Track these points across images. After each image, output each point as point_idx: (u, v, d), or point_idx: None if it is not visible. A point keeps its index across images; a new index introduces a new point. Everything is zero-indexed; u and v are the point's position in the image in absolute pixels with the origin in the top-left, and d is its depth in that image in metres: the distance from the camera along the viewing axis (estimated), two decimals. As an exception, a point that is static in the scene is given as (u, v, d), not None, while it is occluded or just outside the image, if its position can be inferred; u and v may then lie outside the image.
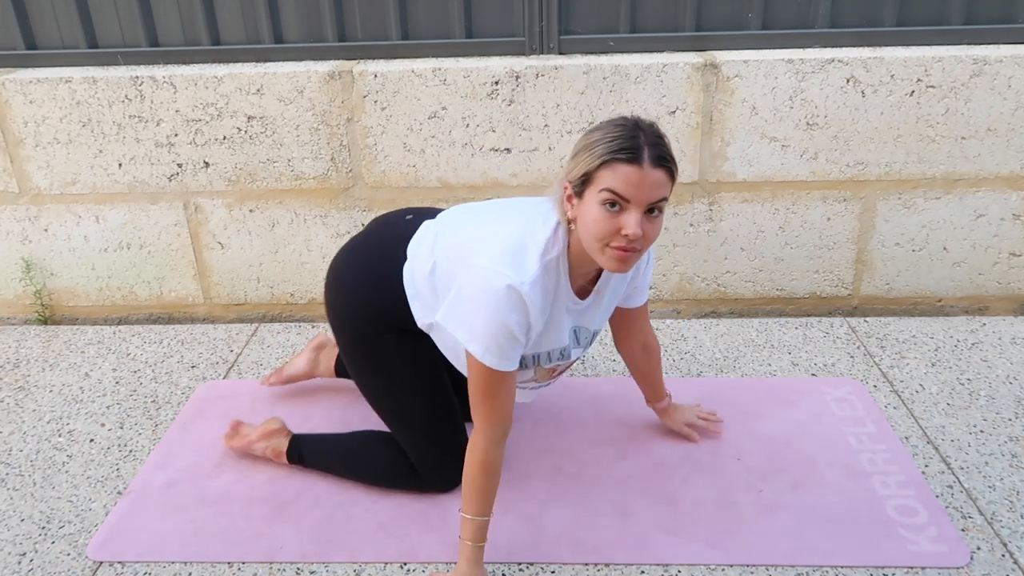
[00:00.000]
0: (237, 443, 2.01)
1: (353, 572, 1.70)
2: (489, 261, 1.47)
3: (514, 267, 1.45)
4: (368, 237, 1.85)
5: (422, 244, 1.69)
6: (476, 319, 1.46)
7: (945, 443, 2.02)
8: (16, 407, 2.31)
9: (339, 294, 1.79)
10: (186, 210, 2.68)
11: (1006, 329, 2.54)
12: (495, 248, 1.49)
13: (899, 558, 1.68)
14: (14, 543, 1.81)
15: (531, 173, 2.56)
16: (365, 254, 1.80)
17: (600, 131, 1.42)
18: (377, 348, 1.76)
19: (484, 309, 1.45)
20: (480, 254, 1.49)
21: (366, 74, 2.47)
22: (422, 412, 1.80)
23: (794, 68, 2.41)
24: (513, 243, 1.49)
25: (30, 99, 2.55)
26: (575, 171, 1.44)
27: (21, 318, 2.88)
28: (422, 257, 1.67)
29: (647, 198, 1.38)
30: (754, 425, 2.10)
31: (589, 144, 1.42)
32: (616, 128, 1.41)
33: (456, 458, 1.69)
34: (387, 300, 1.72)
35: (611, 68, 2.43)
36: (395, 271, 1.71)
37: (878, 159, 2.51)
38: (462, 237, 1.61)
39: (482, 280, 1.46)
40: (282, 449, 1.96)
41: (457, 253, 1.58)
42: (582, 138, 1.46)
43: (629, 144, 1.37)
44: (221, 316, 2.85)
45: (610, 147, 1.38)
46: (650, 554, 1.70)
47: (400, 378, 1.78)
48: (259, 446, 1.98)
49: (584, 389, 2.27)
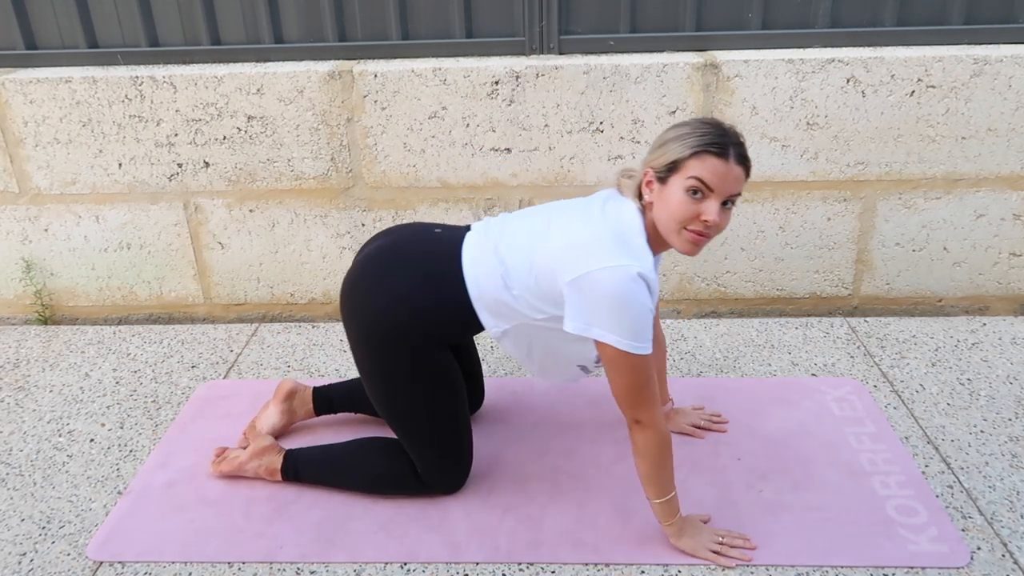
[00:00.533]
0: (227, 467, 1.95)
1: (353, 572, 1.70)
2: (610, 260, 1.51)
3: (633, 256, 1.53)
4: (408, 248, 1.77)
5: (481, 259, 1.68)
6: (621, 317, 1.51)
7: (945, 443, 2.02)
8: (16, 407, 2.31)
9: (389, 302, 1.70)
10: (186, 210, 2.68)
11: (1006, 329, 2.53)
12: (605, 246, 1.54)
13: (899, 558, 1.68)
14: (14, 543, 1.81)
15: (531, 173, 2.56)
16: (417, 267, 1.73)
17: (689, 126, 1.55)
18: (417, 360, 1.71)
19: (625, 304, 1.50)
20: (594, 257, 1.53)
21: (366, 74, 2.47)
22: (446, 424, 1.78)
23: (794, 68, 2.41)
24: (615, 236, 1.56)
25: (30, 99, 2.55)
26: (661, 159, 1.55)
27: (21, 318, 2.88)
28: (487, 271, 1.67)
29: (728, 190, 1.52)
30: (754, 425, 2.10)
31: (680, 136, 1.54)
32: (705, 125, 1.54)
33: (461, 467, 1.81)
34: (444, 313, 1.70)
35: (611, 68, 2.43)
36: (452, 285, 1.69)
37: (878, 159, 2.51)
38: (549, 248, 1.61)
39: (613, 279, 1.50)
40: (276, 466, 1.91)
41: (551, 263, 1.59)
42: (670, 130, 1.57)
43: (719, 140, 1.51)
44: (221, 316, 2.85)
45: (702, 140, 1.51)
46: (650, 554, 1.70)
47: (430, 389, 1.74)
48: (251, 466, 1.93)
49: (584, 389, 2.27)
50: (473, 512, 1.83)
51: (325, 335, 2.65)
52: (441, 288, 1.70)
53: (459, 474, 1.86)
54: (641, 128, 2.49)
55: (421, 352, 1.71)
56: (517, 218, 1.74)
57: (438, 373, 1.74)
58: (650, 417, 1.58)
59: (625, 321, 1.51)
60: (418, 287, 1.70)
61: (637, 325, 1.51)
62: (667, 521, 1.68)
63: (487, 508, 1.84)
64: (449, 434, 1.80)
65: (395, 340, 1.69)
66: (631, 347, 1.52)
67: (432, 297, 1.69)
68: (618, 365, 1.55)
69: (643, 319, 1.51)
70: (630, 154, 2.52)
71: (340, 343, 2.60)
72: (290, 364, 2.49)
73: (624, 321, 1.51)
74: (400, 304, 1.69)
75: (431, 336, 1.71)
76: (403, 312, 1.68)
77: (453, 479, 1.85)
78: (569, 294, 1.56)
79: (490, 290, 1.67)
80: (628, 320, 1.51)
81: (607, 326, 1.52)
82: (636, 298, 1.50)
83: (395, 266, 1.73)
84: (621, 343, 1.51)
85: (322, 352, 2.55)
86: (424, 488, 1.85)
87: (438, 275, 1.71)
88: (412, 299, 1.69)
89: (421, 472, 1.82)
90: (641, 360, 1.54)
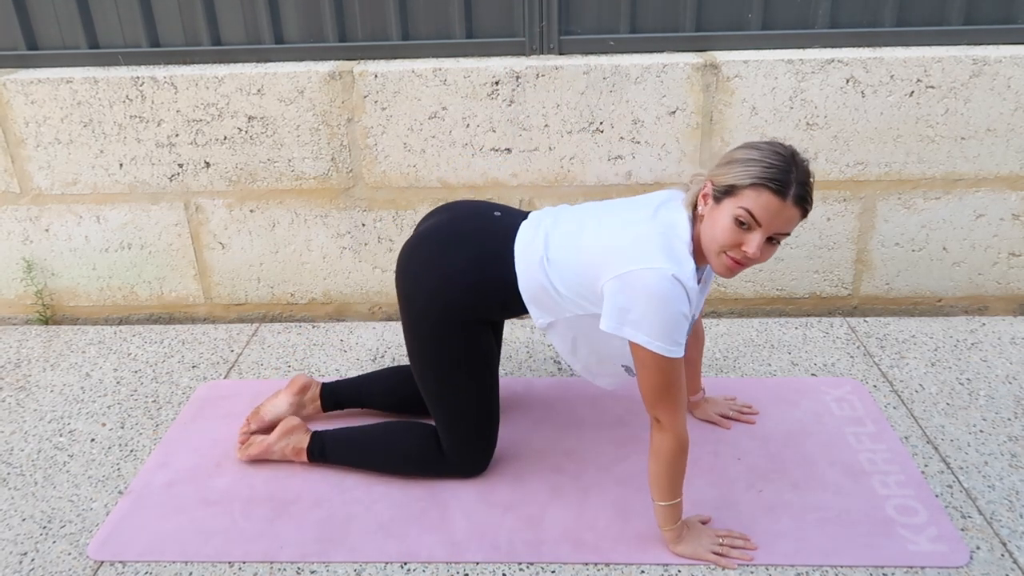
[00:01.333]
0: (255, 451, 1.99)
1: (353, 572, 1.70)
2: (652, 262, 1.51)
3: (675, 261, 1.52)
4: (466, 224, 1.80)
5: (530, 249, 1.70)
6: (654, 317, 1.51)
7: (945, 443, 2.03)
8: (17, 407, 2.32)
9: (442, 279, 1.74)
10: (187, 210, 2.68)
11: (1005, 329, 2.54)
12: (650, 248, 1.54)
13: (899, 558, 1.68)
14: (15, 543, 1.82)
15: (531, 173, 2.57)
16: (473, 246, 1.75)
17: (759, 151, 1.51)
18: (465, 336, 1.76)
19: (660, 305, 1.50)
20: (637, 258, 1.53)
21: (366, 74, 2.47)
22: (483, 403, 1.83)
23: (794, 68, 2.41)
24: (662, 240, 1.55)
25: (31, 99, 2.55)
26: (723, 178, 1.52)
27: (22, 318, 2.88)
28: (534, 262, 1.69)
29: (776, 228, 1.50)
30: (754, 425, 2.10)
31: (746, 160, 1.50)
32: (775, 156, 1.49)
33: (490, 449, 1.88)
34: (496, 296, 1.73)
35: (611, 68, 2.43)
36: (504, 267, 1.72)
37: (878, 159, 2.52)
38: (595, 245, 1.63)
39: (652, 280, 1.50)
40: (303, 446, 1.96)
41: (595, 260, 1.60)
42: (740, 150, 1.54)
43: (782, 177, 1.47)
44: (222, 316, 2.85)
45: (765, 172, 1.47)
46: (650, 554, 1.71)
47: (475, 368, 1.79)
48: (279, 446, 1.97)
49: (584, 389, 2.27)
50: (473, 512, 1.83)
51: (325, 335, 2.66)
52: (489, 268, 1.72)
53: (486, 454, 1.90)
54: (641, 128, 2.49)
55: (470, 329, 1.75)
56: (571, 212, 1.76)
57: (482, 353, 1.78)
58: (671, 420, 1.58)
59: (657, 322, 1.51)
60: (469, 268, 1.72)
61: (669, 327, 1.51)
62: (667, 526, 1.68)
63: (487, 508, 1.84)
64: (485, 414, 1.85)
65: (447, 317, 1.74)
66: (661, 348, 1.52)
67: (480, 276, 1.72)
68: (647, 365, 1.56)
69: (677, 322, 1.51)
70: (630, 154, 2.52)
71: (340, 343, 2.60)
72: (291, 364, 2.49)
73: (656, 322, 1.51)
74: (450, 283, 1.72)
75: (478, 311, 1.75)
76: (453, 290, 1.72)
77: (480, 459, 1.90)
78: (608, 292, 1.56)
79: (536, 280, 1.69)
80: (660, 321, 1.51)
81: (639, 325, 1.52)
82: (672, 301, 1.50)
83: (449, 245, 1.76)
84: (651, 344, 1.52)
85: (322, 352, 2.55)
86: (449, 469, 1.89)
87: (490, 255, 1.73)
88: (463, 278, 1.72)
89: (448, 450, 1.86)
90: (670, 363, 1.54)
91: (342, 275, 2.76)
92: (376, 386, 2.13)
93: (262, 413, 2.08)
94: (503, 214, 1.82)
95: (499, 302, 1.75)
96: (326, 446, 1.95)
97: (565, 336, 1.76)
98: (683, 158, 2.52)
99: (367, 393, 2.12)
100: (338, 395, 2.13)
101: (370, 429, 1.97)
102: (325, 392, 2.12)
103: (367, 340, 2.62)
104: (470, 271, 1.72)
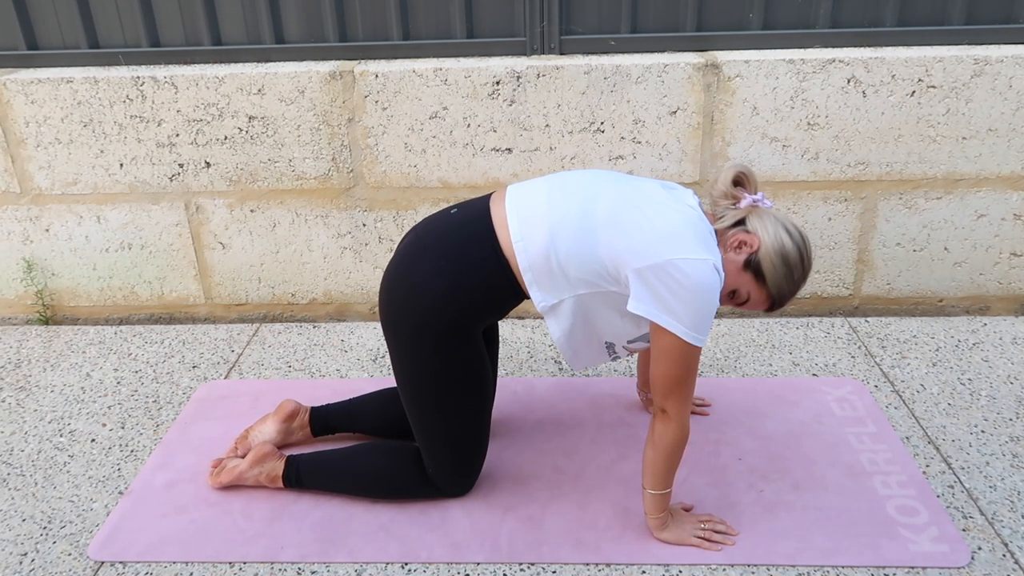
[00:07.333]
0: (226, 478, 1.92)
1: (354, 572, 1.70)
2: (694, 252, 1.52)
3: (712, 252, 1.55)
4: (426, 237, 1.72)
5: (534, 227, 1.62)
6: (692, 307, 1.52)
7: (946, 443, 2.02)
8: (17, 407, 2.32)
9: (411, 290, 1.67)
10: (187, 210, 2.68)
11: (1007, 329, 2.53)
12: (688, 238, 1.54)
13: (900, 558, 1.68)
14: (15, 543, 1.81)
15: (532, 173, 2.57)
16: (435, 252, 1.68)
17: (805, 277, 1.63)
18: (446, 353, 1.68)
19: (701, 295, 1.52)
20: (678, 247, 1.53)
21: (367, 74, 2.47)
22: (469, 428, 1.77)
23: (795, 68, 2.41)
24: (696, 232, 1.56)
25: (31, 99, 2.55)
26: (763, 267, 1.59)
27: (22, 318, 2.88)
28: (539, 239, 1.61)
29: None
30: (755, 425, 2.10)
31: (789, 277, 1.60)
32: (799, 286, 1.64)
33: (474, 474, 1.84)
34: (478, 292, 1.65)
35: (612, 68, 2.43)
36: (482, 255, 1.64)
37: (879, 159, 2.51)
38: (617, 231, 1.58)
39: (698, 270, 1.51)
40: (278, 473, 1.89)
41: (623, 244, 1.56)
42: (795, 259, 1.60)
43: (785, 303, 1.65)
44: (222, 316, 2.85)
45: (780, 299, 1.63)
46: (651, 554, 1.70)
47: (458, 390, 1.72)
48: (251, 474, 1.90)
49: (584, 389, 2.27)
50: (474, 512, 1.83)
51: (326, 335, 2.66)
52: (459, 264, 1.65)
53: (470, 476, 1.84)
54: (642, 128, 2.49)
55: (450, 344, 1.67)
56: (575, 185, 1.67)
57: (466, 371, 1.70)
58: (677, 412, 1.60)
59: (694, 311, 1.52)
60: (436, 272, 1.65)
61: (703, 317, 1.53)
62: (654, 514, 1.71)
63: (488, 508, 1.84)
64: (470, 437, 1.78)
65: (423, 332, 1.66)
66: (691, 337, 1.53)
67: (452, 275, 1.65)
68: (670, 354, 1.56)
69: (710, 313, 1.54)
70: (631, 154, 2.52)
71: (341, 343, 2.60)
72: (291, 364, 2.49)
73: (693, 311, 1.52)
74: (422, 291, 1.65)
75: (457, 315, 1.65)
76: (424, 298, 1.65)
77: (463, 481, 1.84)
78: (643, 277, 1.53)
79: (540, 263, 1.62)
80: (697, 311, 1.52)
81: (676, 314, 1.52)
82: (713, 291, 1.53)
83: (414, 258, 1.69)
84: (685, 333, 1.53)
85: (323, 352, 2.55)
86: (431, 491, 1.84)
87: (458, 252, 1.66)
88: (433, 283, 1.64)
89: (432, 472, 1.81)
90: (693, 352, 1.56)
91: (343, 275, 2.76)
92: (366, 408, 2.05)
93: (250, 439, 2.02)
94: (459, 209, 1.74)
95: (483, 297, 1.66)
96: (302, 472, 1.89)
97: (566, 317, 1.67)
98: (684, 158, 2.52)
99: (358, 416, 2.05)
100: (328, 419, 2.05)
101: (348, 452, 1.90)
102: (314, 417, 2.05)
103: (368, 340, 2.62)
104: (438, 275, 1.65)
